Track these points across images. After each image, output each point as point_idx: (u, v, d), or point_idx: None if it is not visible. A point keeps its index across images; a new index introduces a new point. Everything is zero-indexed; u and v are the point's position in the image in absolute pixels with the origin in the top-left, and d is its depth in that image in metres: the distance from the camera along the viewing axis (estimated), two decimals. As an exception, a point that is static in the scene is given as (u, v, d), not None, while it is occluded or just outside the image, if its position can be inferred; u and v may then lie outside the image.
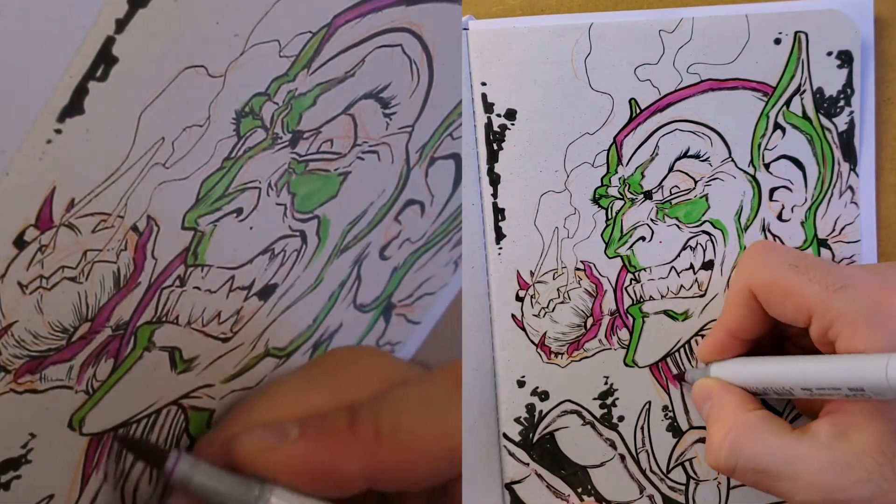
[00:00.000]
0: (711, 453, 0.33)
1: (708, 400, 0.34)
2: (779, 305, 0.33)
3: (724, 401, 0.34)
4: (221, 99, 0.29)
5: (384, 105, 0.34)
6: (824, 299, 0.31)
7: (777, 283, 0.33)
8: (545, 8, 0.37)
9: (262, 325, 0.35)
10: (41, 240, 0.28)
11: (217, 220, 0.32)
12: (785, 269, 0.33)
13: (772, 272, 0.33)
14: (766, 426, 0.32)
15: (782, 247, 0.36)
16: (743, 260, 0.35)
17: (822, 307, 0.31)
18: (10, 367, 0.29)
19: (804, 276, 0.32)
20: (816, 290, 0.32)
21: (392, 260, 0.38)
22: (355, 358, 0.35)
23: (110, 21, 0.26)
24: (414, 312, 0.41)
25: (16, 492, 0.30)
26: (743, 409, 0.33)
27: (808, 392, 0.32)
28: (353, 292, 0.38)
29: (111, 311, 0.30)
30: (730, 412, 0.33)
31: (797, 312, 0.32)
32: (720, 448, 0.32)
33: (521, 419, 0.37)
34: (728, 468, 0.32)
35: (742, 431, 0.32)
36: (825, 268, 0.33)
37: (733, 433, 0.32)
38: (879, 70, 0.36)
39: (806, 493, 0.30)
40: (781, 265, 0.33)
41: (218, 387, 0.35)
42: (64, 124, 0.27)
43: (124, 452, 0.33)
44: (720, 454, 0.32)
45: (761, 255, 0.34)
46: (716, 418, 0.34)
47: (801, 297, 0.32)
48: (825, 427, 0.31)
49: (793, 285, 0.32)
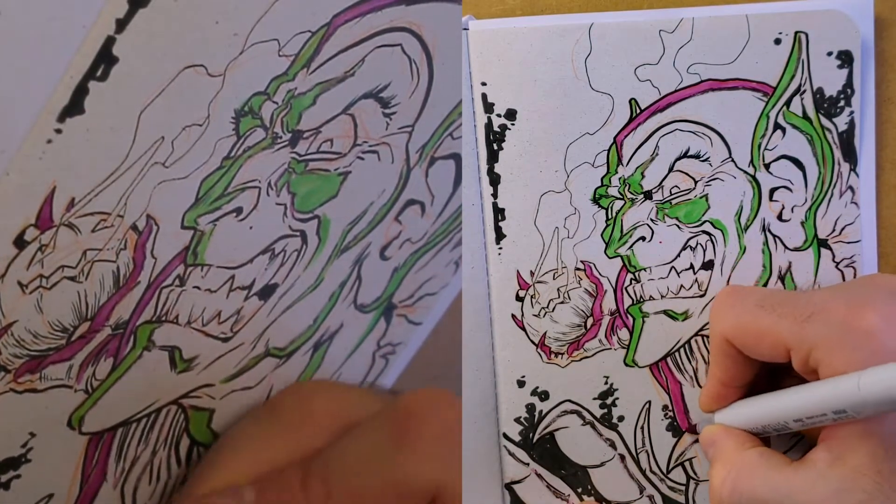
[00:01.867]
0: (714, 495, 0.33)
1: (712, 446, 0.35)
2: (755, 347, 0.33)
3: (724, 443, 0.34)
4: (221, 98, 0.30)
5: (384, 105, 0.34)
6: (796, 331, 0.32)
7: (748, 326, 0.33)
8: (545, 8, 0.37)
9: (262, 325, 0.35)
10: (41, 239, 0.28)
11: (217, 219, 0.32)
12: (752, 311, 0.33)
13: (740, 317, 0.34)
14: (765, 462, 0.32)
15: (747, 288, 0.36)
16: (712, 309, 0.36)
17: (796, 340, 0.32)
18: (10, 366, 0.29)
19: (772, 313, 0.32)
20: (787, 324, 0.32)
21: (392, 260, 0.38)
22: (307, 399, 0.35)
23: (110, 21, 0.26)
24: (415, 313, 0.41)
25: (16, 491, 0.31)
26: (741, 448, 0.33)
27: (800, 423, 0.32)
28: (353, 292, 0.38)
29: (111, 311, 0.30)
30: (729, 453, 0.34)
31: (774, 350, 0.32)
32: (722, 488, 0.33)
33: (521, 419, 0.37)
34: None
35: (741, 470, 0.33)
36: (791, 300, 0.33)
37: (733, 473, 0.33)
38: (879, 70, 0.36)
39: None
40: (748, 307, 0.33)
41: (218, 386, 0.35)
42: (64, 124, 0.27)
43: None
44: (723, 495, 0.33)
45: (727, 301, 0.35)
46: (716, 460, 0.34)
47: (774, 334, 0.32)
48: (821, 454, 0.31)
49: (763, 325, 0.33)
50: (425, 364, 0.41)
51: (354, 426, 0.33)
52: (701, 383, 0.37)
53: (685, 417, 0.38)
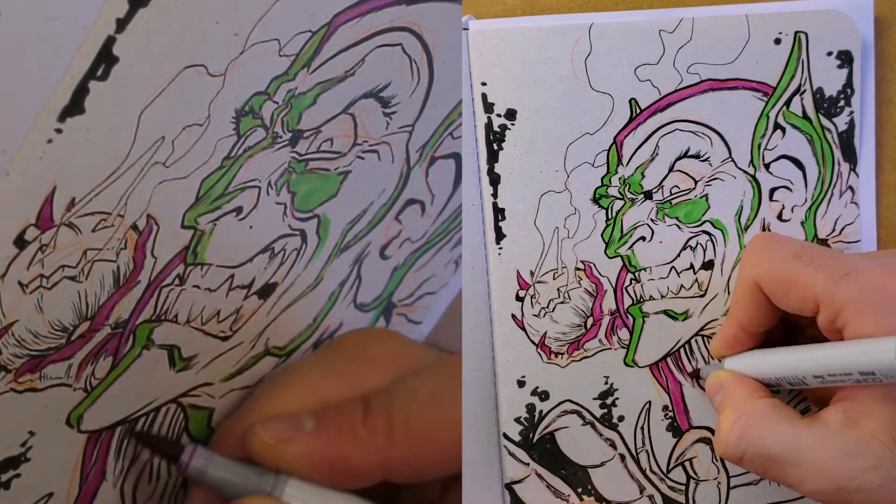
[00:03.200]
0: (720, 440, 0.33)
1: (720, 391, 0.34)
2: (785, 296, 0.33)
3: (735, 390, 0.34)
4: (221, 98, 0.30)
5: (384, 104, 0.34)
6: (830, 288, 0.31)
7: (781, 274, 0.33)
8: (545, 8, 0.37)
9: (261, 324, 0.35)
10: (42, 239, 0.28)
11: (217, 218, 0.32)
12: (789, 260, 0.33)
13: (776, 264, 0.33)
14: (776, 413, 0.32)
15: (785, 237, 0.36)
16: (746, 253, 0.35)
17: (828, 296, 0.31)
18: (10, 366, 0.29)
19: (808, 266, 0.32)
20: (821, 279, 0.31)
21: (392, 259, 0.38)
22: (370, 342, 0.35)
23: (111, 21, 0.26)
24: (414, 312, 0.41)
25: (16, 490, 0.31)
26: (753, 397, 0.33)
27: (820, 380, 0.31)
28: (353, 292, 0.38)
29: (110, 310, 0.30)
30: (740, 400, 0.33)
31: (803, 302, 0.32)
32: (729, 434, 0.32)
33: (521, 419, 0.37)
34: (736, 455, 0.32)
35: (751, 418, 0.32)
36: (829, 256, 0.32)
37: (742, 420, 0.32)
38: (879, 70, 0.36)
39: (815, 482, 0.30)
40: (785, 256, 0.33)
41: (217, 385, 0.35)
42: (65, 124, 0.27)
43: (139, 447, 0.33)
44: (729, 440, 0.32)
45: (765, 247, 0.34)
46: (725, 406, 0.33)
47: (807, 287, 0.32)
48: (835, 414, 0.31)
49: (797, 276, 0.32)
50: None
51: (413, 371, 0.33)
52: (701, 383, 0.37)
53: (685, 417, 0.38)
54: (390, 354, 0.34)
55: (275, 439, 0.31)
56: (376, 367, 0.34)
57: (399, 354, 0.34)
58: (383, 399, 0.32)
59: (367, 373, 0.33)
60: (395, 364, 0.34)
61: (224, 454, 0.32)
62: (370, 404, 0.32)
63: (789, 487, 0.32)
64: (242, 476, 0.31)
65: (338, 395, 0.33)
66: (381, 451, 0.31)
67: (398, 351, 0.34)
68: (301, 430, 0.31)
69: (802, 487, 0.31)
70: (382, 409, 0.31)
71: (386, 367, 0.33)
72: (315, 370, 0.34)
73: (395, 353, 0.34)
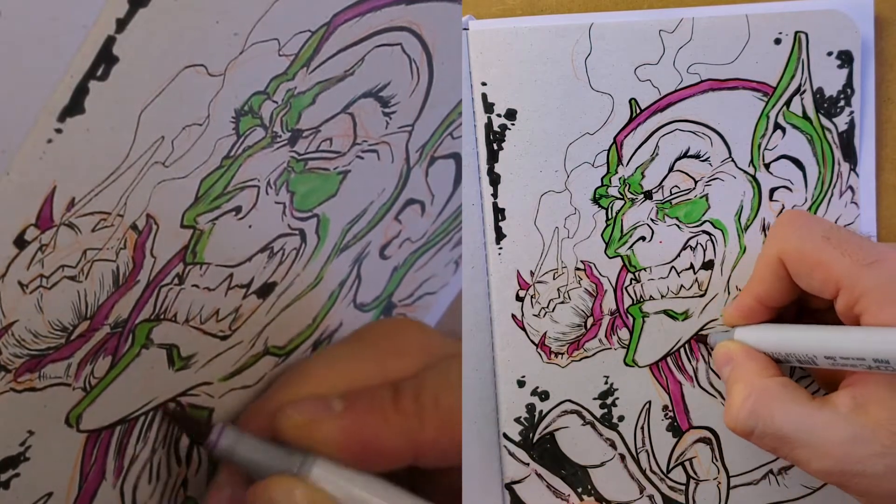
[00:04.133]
0: (731, 414, 0.33)
1: (729, 363, 0.34)
2: (807, 276, 0.33)
3: (746, 365, 0.34)
4: (221, 98, 0.30)
5: (384, 104, 0.34)
6: (854, 273, 0.31)
7: (808, 253, 0.33)
8: (545, 8, 0.37)
9: (260, 324, 0.35)
10: (41, 239, 0.28)
11: (216, 218, 0.32)
12: (817, 240, 0.33)
13: (803, 242, 0.33)
14: (787, 393, 0.32)
15: (815, 217, 0.36)
16: (775, 227, 0.35)
17: (850, 281, 0.31)
18: (10, 366, 0.29)
19: (836, 248, 0.32)
20: (847, 263, 0.31)
21: (392, 259, 0.38)
22: (398, 331, 0.35)
23: (111, 21, 0.26)
24: (414, 312, 0.41)
25: (15, 490, 0.31)
26: (764, 374, 0.33)
27: (831, 361, 0.31)
28: (353, 291, 0.38)
29: (110, 310, 0.30)
30: (751, 376, 0.33)
31: (825, 284, 0.32)
32: (740, 410, 0.32)
33: (521, 419, 0.37)
34: (746, 430, 0.32)
35: (763, 395, 0.32)
36: (857, 242, 0.32)
37: (754, 397, 0.32)
38: (879, 70, 0.36)
39: (821, 462, 0.31)
40: (814, 235, 0.33)
41: (216, 385, 0.35)
42: (64, 124, 0.27)
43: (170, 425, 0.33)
44: (739, 416, 0.32)
45: (794, 223, 0.34)
46: (736, 380, 0.33)
47: (831, 269, 0.32)
48: (845, 399, 0.31)
49: (824, 257, 0.32)
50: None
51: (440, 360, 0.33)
52: (701, 383, 0.37)
53: (685, 417, 0.38)
54: (418, 343, 0.35)
55: (305, 419, 0.31)
56: (404, 354, 0.34)
57: (427, 343, 0.35)
58: (413, 384, 0.32)
59: (396, 360, 0.34)
60: (424, 352, 0.34)
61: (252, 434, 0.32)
62: (400, 388, 0.32)
63: (796, 465, 0.32)
64: (270, 456, 0.31)
65: (367, 381, 0.33)
66: (412, 433, 0.31)
67: (426, 340, 0.35)
68: (330, 411, 0.32)
69: (809, 466, 0.31)
70: (412, 393, 0.32)
71: (414, 356, 0.34)
72: (344, 356, 0.34)
73: (422, 343, 0.35)
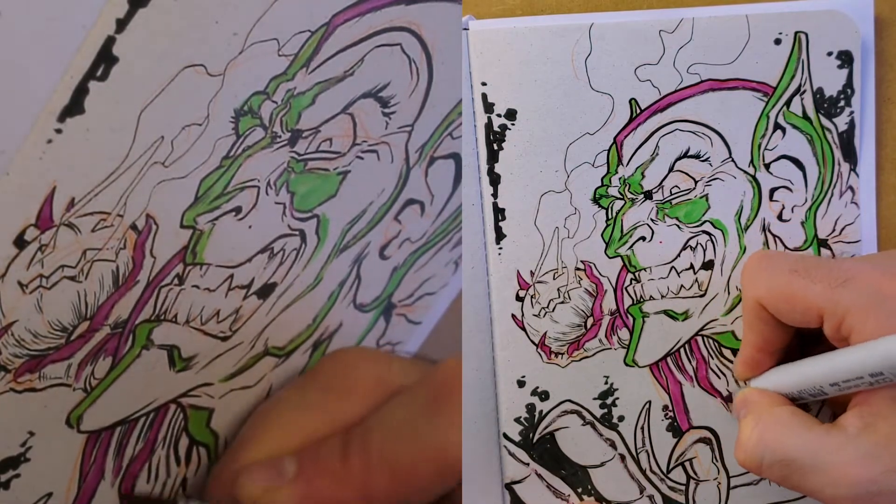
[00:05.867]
0: (739, 447, 0.33)
1: (745, 407, 0.35)
2: (788, 312, 0.33)
3: (758, 402, 0.34)
4: (220, 98, 0.30)
5: (383, 104, 0.34)
6: (830, 297, 0.31)
7: (780, 290, 0.33)
8: (545, 8, 0.37)
9: (261, 324, 0.35)
10: (41, 239, 0.28)
11: (216, 218, 0.32)
12: (786, 276, 0.33)
13: (773, 281, 0.33)
14: (795, 420, 0.32)
15: (780, 253, 0.36)
16: (744, 274, 0.35)
17: (829, 305, 0.31)
18: (9, 366, 0.29)
19: (805, 278, 0.32)
20: (820, 289, 0.32)
21: (392, 259, 0.38)
22: (347, 367, 0.35)
23: (111, 21, 0.26)
24: (414, 312, 0.41)
25: (15, 490, 0.31)
26: (774, 405, 0.33)
27: (836, 387, 0.32)
28: (352, 292, 0.38)
29: (110, 310, 0.30)
30: (761, 408, 0.33)
31: (806, 315, 0.32)
32: (748, 440, 0.32)
33: (521, 419, 0.37)
34: (755, 461, 0.32)
35: (770, 423, 0.32)
36: (825, 266, 0.33)
37: (761, 426, 0.32)
38: (879, 70, 0.36)
39: (835, 488, 0.30)
40: (781, 272, 0.33)
41: (217, 385, 0.35)
42: (64, 124, 0.27)
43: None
44: (748, 446, 0.32)
45: (760, 266, 0.34)
46: (746, 415, 0.34)
47: (807, 299, 0.32)
48: (852, 419, 0.31)
49: (796, 290, 0.32)
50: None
51: (395, 394, 0.33)
52: (701, 383, 0.37)
53: (685, 417, 0.38)
54: (369, 379, 0.34)
55: (260, 489, 0.32)
56: (354, 394, 0.34)
57: (377, 378, 0.34)
58: (360, 433, 0.32)
59: (345, 402, 0.34)
60: (374, 390, 0.34)
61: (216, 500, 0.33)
62: (348, 441, 0.32)
63: (809, 495, 0.31)
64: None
65: (317, 431, 0.33)
66: (362, 488, 0.31)
67: (377, 374, 0.34)
68: (284, 476, 0.32)
69: (823, 494, 0.31)
70: (360, 445, 0.32)
71: (364, 395, 0.34)
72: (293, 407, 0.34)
73: (373, 378, 0.34)
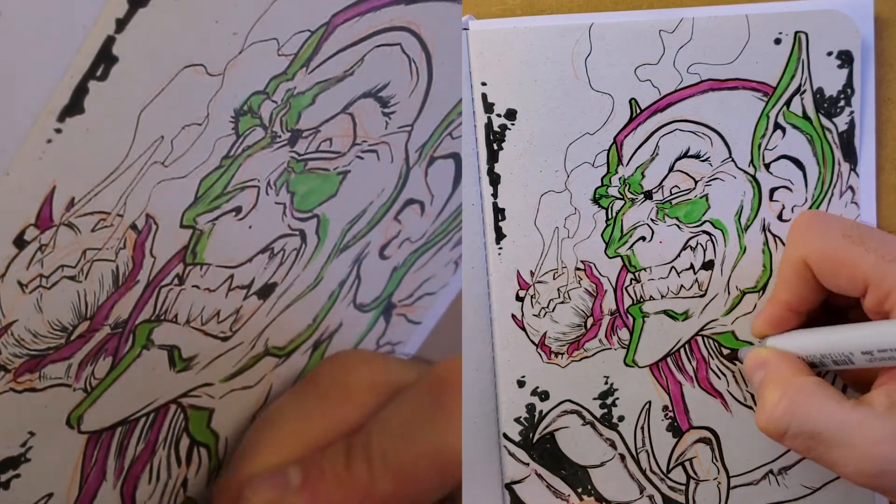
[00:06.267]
0: (763, 415, 0.32)
1: (761, 367, 0.34)
2: (833, 276, 0.32)
3: (780, 366, 0.33)
4: (220, 97, 0.30)
5: (383, 104, 0.34)
6: (880, 269, 0.31)
7: (831, 253, 0.32)
8: (545, 8, 0.37)
9: (261, 324, 0.35)
10: (41, 239, 0.28)
11: (216, 218, 0.32)
12: (839, 240, 0.32)
13: (825, 243, 0.33)
14: (823, 392, 0.31)
15: (834, 216, 0.36)
16: (794, 230, 0.35)
17: (877, 277, 0.31)
18: (9, 366, 0.29)
19: (859, 246, 0.32)
20: (872, 259, 0.31)
21: (392, 259, 0.38)
22: (345, 372, 0.35)
23: (111, 21, 0.26)
24: (414, 312, 0.41)
25: (15, 491, 0.31)
26: (799, 373, 0.32)
27: (868, 356, 0.31)
28: (352, 292, 0.38)
29: (110, 310, 0.30)
30: (785, 376, 0.32)
31: (852, 283, 0.32)
32: (774, 409, 0.32)
33: (521, 419, 0.37)
34: (779, 430, 0.32)
35: (798, 394, 0.31)
36: (879, 237, 0.32)
37: (788, 395, 0.32)
38: (879, 70, 0.36)
39: (859, 463, 0.30)
40: (835, 235, 0.33)
41: (217, 385, 0.35)
42: (64, 124, 0.27)
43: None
44: (774, 415, 0.32)
45: (812, 225, 0.34)
46: (769, 381, 0.33)
47: (856, 267, 0.31)
48: (880, 397, 0.30)
49: (847, 256, 0.32)
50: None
51: (394, 396, 0.33)
52: (701, 383, 0.37)
53: (685, 417, 0.38)
54: (366, 383, 0.34)
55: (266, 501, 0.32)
56: (352, 399, 0.34)
57: (375, 382, 0.34)
58: (362, 439, 0.32)
59: (344, 408, 0.34)
60: (372, 393, 0.34)
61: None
62: (351, 446, 0.32)
63: (830, 469, 0.31)
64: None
65: (318, 438, 0.33)
66: (368, 493, 0.31)
67: (374, 377, 0.34)
68: (289, 486, 0.32)
69: (846, 469, 0.30)
70: (362, 451, 0.32)
71: (362, 399, 0.34)
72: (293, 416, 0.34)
73: (370, 382, 0.34)
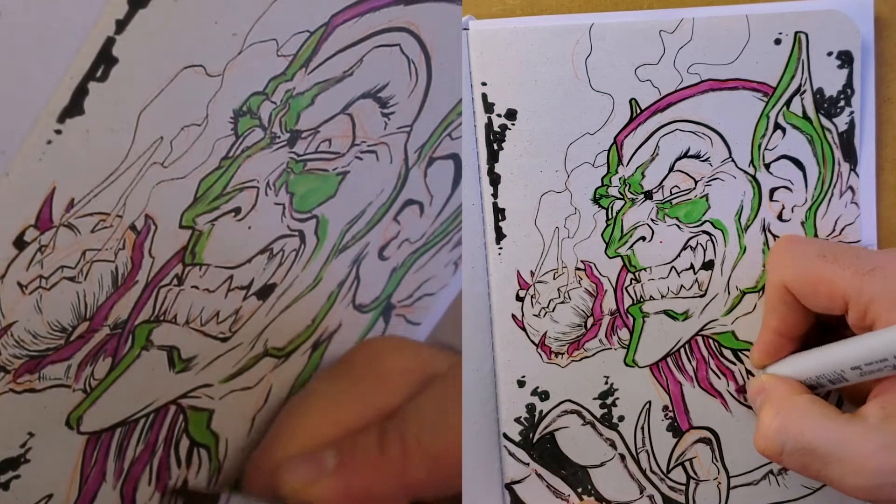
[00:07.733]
0: (760, 434, 0.33)
1: (761, 393, 0.34)
2: (813, 297, 0.33)
3: (776, 389, 0.34)
4: (219, 98, 0.30)
5: (382, 105, 0.34)
6: (857, 284, 0.31)
7: (808, 275, 0.33)
8: (545, 8, 0.37)
9: (260, 325, 0.35)
10: (41, 240, 0.28)
11: (215, 219, 0.32)
12: (814, 260, 0.33)
13: (802, 265, 0.33)
14: (816, 408, 0.32)
15: (808, 238, 0.36)
16: (771, 257, 0.35)
17: (855, 292, 0.31)
18: (9, 367, 0.29)
19: (833, 264, 0.32)
20: (848, 276, 0.32)
21: (391, 260, 0.38)
22: (379, 356, 0.35)
23: (110, 22, 0.26)
24: (414, 313, 0.41)
25: (15, 491, 0.31)
26: (793, 393, 0.33)
27: (858, 371, 0.31)
28: (352, 292, 0.38)
29: (109, 310, 0.30)
30: (780, 396, 0.33)
31: (832, 301, 0.32)
32: (769, 428, 0.32)
33: (521, 419, 0.37)
34: (776, 449, 0.32)
35: (791, 412, 0.32)
36: (853, 253, 0.33)
37: (782, 414, 0.32)
38: (879, 70, 0.36)
39: (855, 478, 0.30)
40: (810, 256, 0.33)
41: (217, 386, 0.35)
42: (64, 125, 0.27)
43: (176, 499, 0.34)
44: (768, 434, 0.32)
45: (788, 249, 0.34)
46: (765, 403, 0.33)
47: (834, 285, 0.32)
48: (874, 409, 0.31)
49: (824, 274, 0.32)
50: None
51: (427, 382, 0.33)
52: (701, 383, 0.37)
53: (685, 417, 0.38)
54: (401, 368, 0.35)
55: (301, 482, 0.32)
56: (387, 384, 0.34)
57: (409, 366, 0.35)
58: (397, 423, 0.32)
59: (379, 392, 0.34)
60: (406, 378, 0.34)
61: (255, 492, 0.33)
62: (385, 431, 0.32)
63: (830, 485, 0.31)
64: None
65: (354, 420, 0.33)
66: (403, 478, 0.32)
67: (408, 362, 0.35)
68: (324, 469, 0.32)
69: (843, 483, 0.31)
70: (397, 435, 0.32)
71: (397, 383, 0.34)
72: (327, 399, 0.34)
73: (404, 366, 0.35)
